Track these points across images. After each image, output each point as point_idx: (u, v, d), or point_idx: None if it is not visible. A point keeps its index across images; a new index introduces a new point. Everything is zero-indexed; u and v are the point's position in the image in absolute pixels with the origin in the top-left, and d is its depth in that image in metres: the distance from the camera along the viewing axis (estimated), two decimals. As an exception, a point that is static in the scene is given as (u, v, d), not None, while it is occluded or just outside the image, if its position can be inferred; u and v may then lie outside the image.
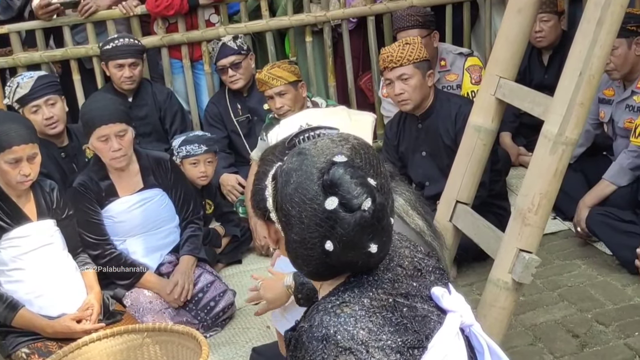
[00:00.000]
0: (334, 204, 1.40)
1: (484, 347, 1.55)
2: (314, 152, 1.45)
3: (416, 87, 3.91)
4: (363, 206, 1.41)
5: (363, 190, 1.42)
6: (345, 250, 1.42)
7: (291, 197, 1.43)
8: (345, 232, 1.40)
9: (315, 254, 1.43)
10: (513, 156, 5.05)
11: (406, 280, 1.53)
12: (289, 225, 1.44)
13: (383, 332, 1.42)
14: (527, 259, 2.66)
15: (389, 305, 1.46)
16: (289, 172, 1.45)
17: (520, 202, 2.74)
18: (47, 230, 3.42)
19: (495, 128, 3.18)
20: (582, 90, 2.65)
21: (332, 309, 1.44)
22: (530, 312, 3.38)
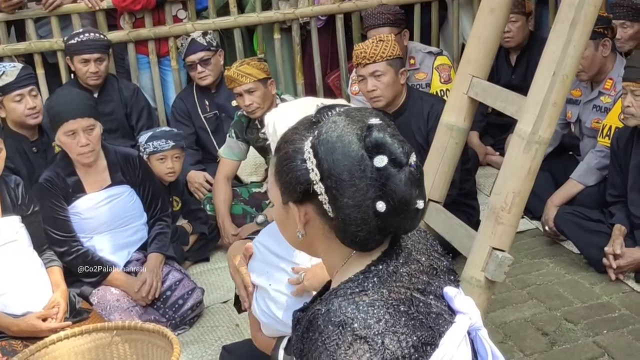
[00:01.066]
0: (383, 162, 1.40)
1: (488, 353, 1.54)
2: (347, 121, 1.45)
3: (389, 85, 3.91)
4: (410, 161, 1.43)
5: (406, 147, 1.44)
6: (397, 209, 1.42)
7: (340, 162, 1.41)
8: (397, 189, 1.40)
9: (368, 216, 1.42)
10: (480, 155, 5.09)
11: (422, 277, 1.52)
12: (340, 190, 1.41)
13: (399, 325, 1.41)
14: (500, 258, 2.67)
15: (406, 299, 1.45)
16: (330, 141, 1.43)
17: (494, 200, 2.74)
18: (12, 227, 3.35)
19: (467, 127, 3.18)
20: (555, 90, 2.66)
21: (352, 296, 1.43)
22: (500, 310, 3.39)
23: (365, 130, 1.43)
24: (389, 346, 1.38)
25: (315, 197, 1.45)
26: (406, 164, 1.42)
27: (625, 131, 3.77)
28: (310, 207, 1.48)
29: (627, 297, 3.43)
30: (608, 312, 3.31)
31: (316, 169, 1.43)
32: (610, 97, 4.14)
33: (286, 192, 1.51)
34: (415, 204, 1.43)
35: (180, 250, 4.11)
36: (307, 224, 1.51)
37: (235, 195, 4.53)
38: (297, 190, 1.47)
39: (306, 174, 1.45)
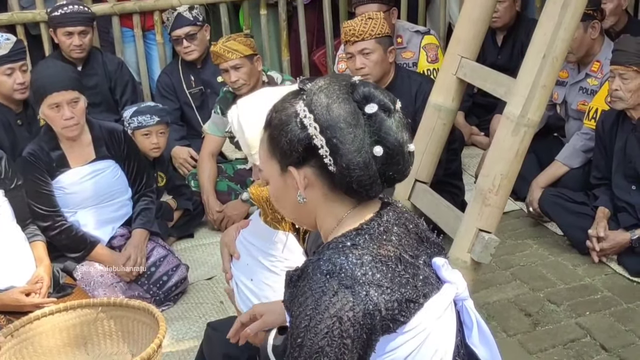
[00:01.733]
0: (374, 108, 1.51)
1: (473, 323, 1.59)
2: (333, 82, 1.56)
3: (377, 62, 3.89)
4: (397, 107, 1.55)
5: (391, 96, 1.57)
6: (393, 152, 1.51)
7: (335, 113, 1.50)
8: (390, 132, 1.51)
9: (368, 160, 1.50)
10: (465, 135, 5.09)
11: (411, 241, 1.58)
12: (340, 138, 1.49)
13: (385, 279, 1.47)
14: (486, 239, 2.68)
15: (395, 258, 1.51)
16: (322, 97, 1.52)
17: (481, 182, 2.75)
18: None
19: (455, 107, 3.18)
20: (545, 72, 2.66)
21: (343, 249, 1.51)
22: (484, 290, 3.41)
23: (351, 86, 1.54)
24: (373, 298, 1.45)
25: (314, 156, 1.52)
26: (394, 110, 1.54)
27: (610, 114, 3.78)
28: (309, 169, 1.54)
29: (610, 279, 3.46)
30: (590, 294, 3.33)
31: (314, 123, 1.51)
32: (597, 80, 4.14)
33: (286, 157, 1.56)
34: (408, 147, 1.55)
35: (165, 226, 4.09)
36: (306, 188, 1.56)
37: (220, 172, 4.51)
38: (298, 150, 1.53)
39: (304, 131, 1.52)
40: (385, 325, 1.46)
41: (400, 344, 1.48)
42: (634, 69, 3.50)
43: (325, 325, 1.44)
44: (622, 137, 3.71)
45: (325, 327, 1.44)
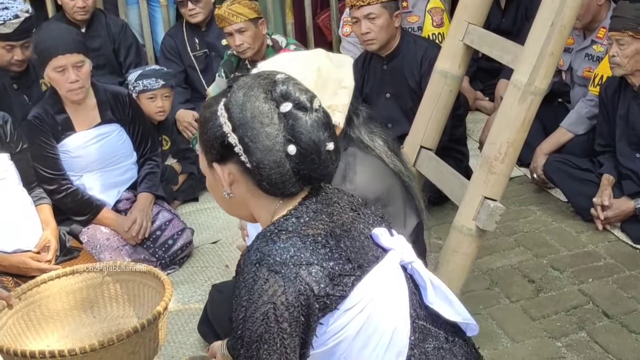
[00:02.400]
0: (288, 107, 1.54)
1: (426, 282, 1.63)
2: (255, 80, 1.59)
3: (382, 27, 3.86)
4: (314, 105, 1.56)
5: (310, 94, 1.58)
6: (308, 151, 1.53)
7: (249, 111, 1.53)
8: (304, 131, 1.53)
9: (281, 159, 1.52)
10: (470, 100, 5.08)
11: (345, 216, 1.61)
12: (252, 137, 1.52)
13: (315, 257, 1.50)
14: (492, 207, 2.69)
15: (326, 234, 1.55)
16: (239, 96, 1.56)
17: (487, 150, 2.75)
18: (1, 165, 3.33)
19: (461, 74, 3.17)
20: (553, 40, 2.65)
21: (270, 236, 1.54)
22: (487, 256, 3.43)
23: (271, 85, 1.57)
24: (304, 278, 1.48)
25: (234, 153, 1.55)
26: (311, 108, 1.55)
27: (613, 81, 3.77)
28: (233, 166, 1.58)
29: (613, 246, 3.48)
30: (594, 261, 3.35)
31: (228, 122, 1.55)
32: (603, 46, 4.12)
33: (208, 152, 1.61)
34: (326, 146, 1.55)
35: (170, 190, 4.11)
36: (233, 184, 1.60)
37: (224, 135, 4.51)
38: (215, 147, 1.57)
39: (221, 129, 1.55)
40: (322, 303, 1.48)
41: (347, 321, 1.51)
42: (629, 34, 3.49)
43: (260, 312, 1.47)
44: (625, 105, 3.70)
45: (261, 314, 1.47)
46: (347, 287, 1.50)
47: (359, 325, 1.51)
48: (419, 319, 1.60)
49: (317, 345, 1.51)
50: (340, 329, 1.51)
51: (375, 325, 1.53)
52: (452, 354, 1.63)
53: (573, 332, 2.89)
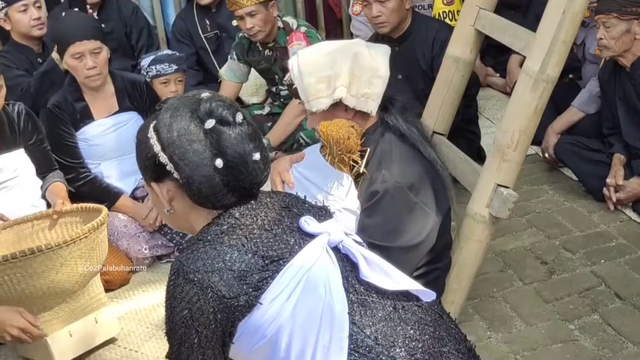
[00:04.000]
0: (212, 123, 1.63)
1: (358, 258, 1.67)
2: (181, 100, 1.69)
3: (394, 10, 3.87)
4: (237, 119, 1.65)
5: (233, 109, 1.67)
6: (235, 163, 1.63)
7: (175, 131, 1.63)
8: (229, 144, 1.63)
9: (210, 173, 1.62)
10: (481, 76, 5.08)
11: (271, 214, 1.69)
12: (180, 155, 1.62)
13: (225, 264, 1.57)
14: (504, 194, 2.73)
15: (244, 236, 1.62)
16: (166, 117, 1.65)
17: (500, 138, 2.78)
18: (11, 165, 3.36)
19: (473, 59, 3.19)
20: (564, 28, 2.66)
21: (190, 246, 1.64)
22: (500, 238, 3.47)
23: (196, 104, 1.66)
24: (215, 283, 1.56)
25: (168, 172, 1.64)
26: (234, 122, 1.64)
27: (609, 64, 3.78)
28: (170, 183, 1.68)
29: (625, 226, 3.51)
30: (606, 242, 3.38)
31: (157, 143, 1.65)
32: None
33: (144, 173, 1.72)
34: (252, 156, 1.65)
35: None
36: (172, 200, 1.70)
37: (237, 118, 4.54)
38: (150, 167, 1.67)
39: (152, 150, 1.65)
40: (238, 304, 1.56)
41: (277, 309, 1.57)
42: (614, 15, 3.53)
43: (179, 317, 1.59)
44: (621, 87, 3.72)
45: (180, 318, 1.59)
46: (261, 281, 1.57)
47: (290, 310, 1.57)
48: (358, 294, 1.65)
49: (257, 339, 1.58)
50: (273, 318, 1.57)
51: (307, 306, 1.58)
52: (402, 320, 1.65)
53: (586, 314, 2.93)
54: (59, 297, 2.85)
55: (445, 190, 2.57)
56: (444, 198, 2.57)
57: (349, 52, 2.47)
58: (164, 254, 3.66)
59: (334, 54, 2.48)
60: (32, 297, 2.76)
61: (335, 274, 1.63)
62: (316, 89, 2.45)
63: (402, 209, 2.44)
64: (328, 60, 2.46)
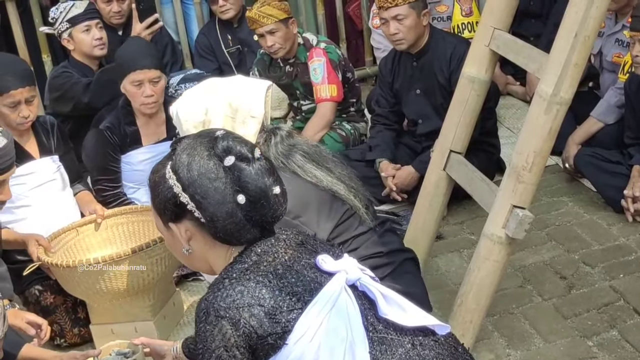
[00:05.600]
0: (231, 160, 1.66)
1: (376, 295, 1.70)
2: (197, 139, 1.72)
3: (411, 27, 3.92)
4: (255, 155, 1.70)
5: (250, 145, 1.72)
6: (256, 198, 1.66)
7: (195, 170, 1.66)
8: (250, 180, 1.66)
9: (233, 210, 1.65)
10: (501, 85, 5.11)
11: (289, 251, 1.72)
12: (202, 194, 1.65)
13: (255, 299, 1.60)
14: (520, 216, 2.77)
15: (268, 273, 1.65)
16: (184, 157, 1.68)
17: (515, 159, 2.82)
18: (50, 167, 3.55)
19: (488, 79, 3.23)
20: (577, 51, 2.69)
21: (216, 284, 1.66)
22: (520, 252, 3.50)
23: (213, 142, 1.69)
24: (247, 319, 1.59)
25: (187, 211, 1.67)
26: (253, 158, 1.68)
27: (637, 76, 3.79)
28: (188, 222, 1.71)
29: (643, 238, 3.54)
30: (625, 255, 3.40)
31: (177, 183, 1.68)
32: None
33: (162, 214, 1.73)
34: (272, 190, 1.69)
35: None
36: (190, 239, 1.72)
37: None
38: (169, 208, 1.69)
39: (172, 191, 1.67)
40: (267, 343, 1.59)
41: (300, 351, 1.60)
42: None
43: (214, 357, 1.61)
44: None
45: (216, 357, 1.60)
46: (289, 322, 1.60)
47: (314, 351, 1.60)
48: (377, 332, 1.68)
49: None
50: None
51: (330, 347, 1.61)
52: (421, 357, 1.69)
53: (604, 330, 2.96)
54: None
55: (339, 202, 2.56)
56: (331, 215, 2.55)
57: (222, 95, 2.51)
58: (190, 272, 3.74)
59: (208, 98, 2.53)
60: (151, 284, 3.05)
61: (355, 313, 1.66)
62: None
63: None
64: (202, 105, 2.50)
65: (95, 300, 3.06)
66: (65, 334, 3.30)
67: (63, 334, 3.30)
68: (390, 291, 1.74)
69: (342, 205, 2.56)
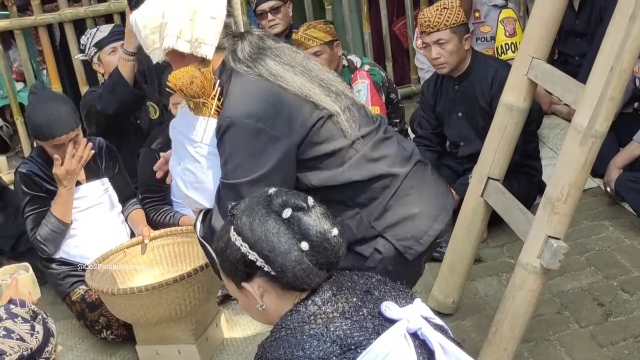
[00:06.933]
0: (289, 213, 1.77)
1: (435, 347, 1.73)
2: (253, 201, 1.83)
3: (453, 52, 3.98)
4: (309, 203, 1.80)
5: (303, 195, 1.83)
6: (319, 243, 1.76)
7: (258, 229, 1.76)
8: (310, 227, 1.76)
9: (300, 257, 1.75)
10: (546, 105, 5.12)
11: (352, 299, 1.79)
12: (269, 249, 1.75)
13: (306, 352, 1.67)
14: (555, 247, 2.80)
15: (324, 326, 1.71)
16: (245, 219, 1.79)
17: (550, 191, 2.86)
18: (96, 192, 3.68)
19: (527, 107, 3.25)
20: (612, 85, 2.72)
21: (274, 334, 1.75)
22: (559, 278, 3.52)
23: (268, 200, 1.81)
24: None
25: (257, 268, 1.77)
26: (308, 207, 1.79)
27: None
28: (260, 279, 1.80)
29: (684, 266, 3.53)
30: (664, 283, 3.42)
31: (244, 244, 1.78)
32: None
33: (234, 276, 1.82)
34: (332, 233, 1.79)
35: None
36: (264, 296, 1.81)
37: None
38: (240, 268, 1.79)
39: (240, 252, 1.77)
40: None
41: None
42: None
43: None
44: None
45: None
46: None
47: None
48: None
49: None
50: None
51: None
52: None
53: (641, 360, 2.98)
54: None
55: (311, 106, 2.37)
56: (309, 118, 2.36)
57: (181, 1, 2.39)
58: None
59: (166, 2, 2.43)
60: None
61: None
62: (152, 40, 2.42)
63: (244, 141, 2.31)
64: (160, 10, 2.41)
65: (140, 324, 3.19)
66: (112, 326, 3.45)
67: (110, 326, 3.45)
68: (450, 344, 1.76)
69: (316, 110, 2.37)
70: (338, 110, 2.39)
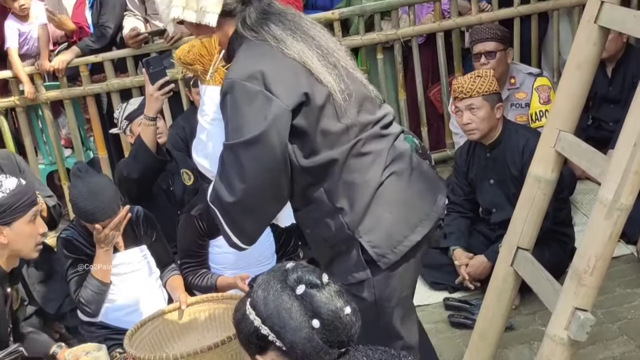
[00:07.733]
0: (302, 289, 1.82)
1: None
2: (270, 275, 1.89)
3: (484, 119, 4.07)
4: (324, 280, 1.85)
5: (318, 272, 1.88)
6: (330, 321, 1.80)
7: (271, 304, 1.83)
8: (322, 304, 1.81)
9: (310, 335, 1.79)
10: (579, 170, 5.15)
11: None
12: (281, 324, 1.80)
13: None
14: (582, 319, 2.83)
15: None
16: (260, 294, 1.85)
17: (577, 262, 2.90)
18: (134, 259, 3.80)
19: (555, 178, 3.31)
20: (636, 160, 2.78)
21: None
22: (590, 346, 3.53)
23: (284, 275, 1.86)
24: None
25: (270, 342, 1.82)
26: (322, 284, 1.84)
27: None
28: (272, 353, 1.85)
29: None
30: (696, 353, 3.41)
31: (257, 317, 1.84)
32: None
33: (248, 348, 1.89)
34: (344, 311, 1.83)
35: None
36: None
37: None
38: (253, 341, 1.85)
39: (253, 325, 1.84)
40: None
41: None
42: None
43: None
44: None
45: None
46: None
47: None
48: None
49: None
50: None
51: None
52: None
53: None
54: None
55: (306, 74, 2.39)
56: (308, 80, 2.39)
57: None
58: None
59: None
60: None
61: None
62: (166, 14, 2.48)
63: (242, 102, 2.32)
64: None
65: (175, 389, 3.26)
66: None
67: None
68: None
69: (316, 83, 2.39)
70: (332, 83, 2.39)
